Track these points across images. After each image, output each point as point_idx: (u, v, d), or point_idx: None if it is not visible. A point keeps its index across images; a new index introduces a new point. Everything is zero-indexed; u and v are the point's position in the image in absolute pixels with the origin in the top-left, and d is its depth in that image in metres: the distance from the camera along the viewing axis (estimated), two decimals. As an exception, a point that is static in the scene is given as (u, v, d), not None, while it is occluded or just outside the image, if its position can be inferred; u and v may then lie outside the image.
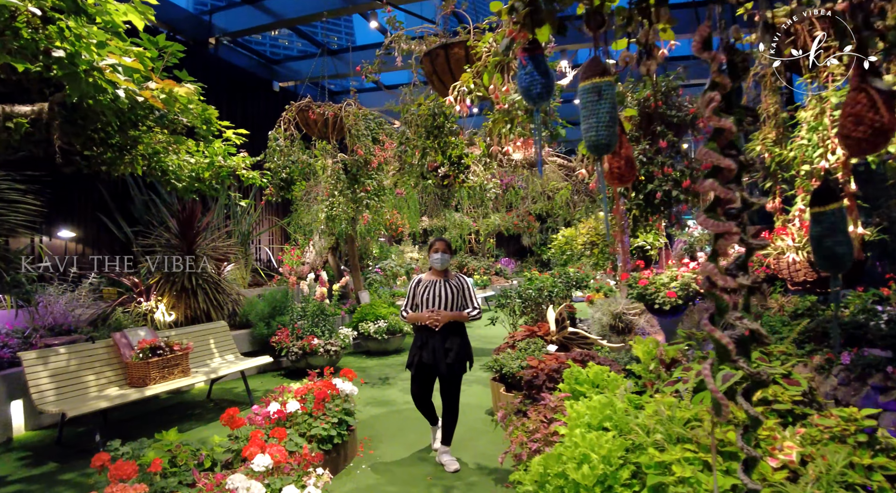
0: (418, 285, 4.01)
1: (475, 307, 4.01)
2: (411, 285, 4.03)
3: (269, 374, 7.18)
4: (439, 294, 3.91)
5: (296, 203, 8.42)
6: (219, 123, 5.10)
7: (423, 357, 3.87)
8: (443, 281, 3.97)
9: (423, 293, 3.95)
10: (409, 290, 4.04)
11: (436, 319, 3.83)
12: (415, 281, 4.03)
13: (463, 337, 4.01)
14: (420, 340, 3.94)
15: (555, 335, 5.41)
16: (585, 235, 9.13)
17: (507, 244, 19.28)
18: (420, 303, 3.96)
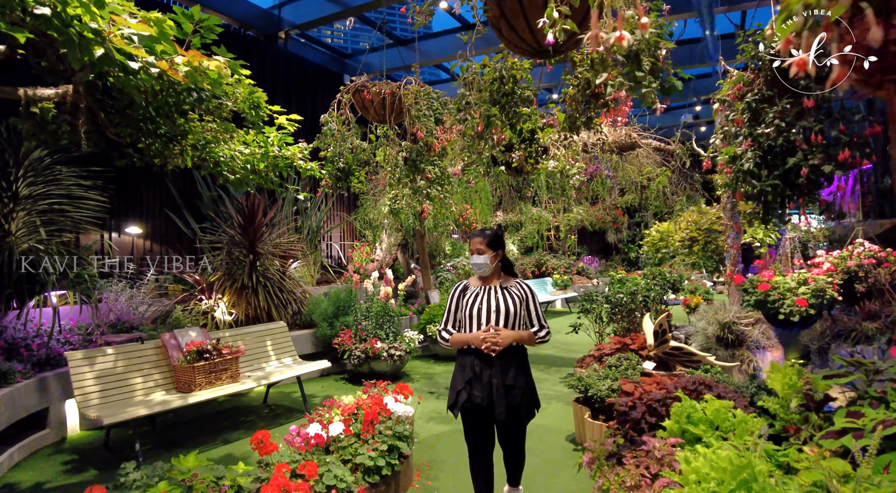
0: (463, 293, 2.91)
1: (543, 326, 2.88)
2: (453, 293, 2.95)
3: (331, 377, 6.75)
4: (493, 306, 2.78)
5: (362, 197, 7.97)
6: (268, 108, 4.64)
7: (473, 397, 2.69)
8: (498, 288, 2.86)
9: (470, 305, 2.83)
10: (449, 300, 2.95)
11: (495, 340, 2.67)
12: (458, 288, 2.95)
13: (527, 370, 2.88)
14: (467, 370, 2.75)
15: (653, 350, 4.51)
16: (684, 231, 8.01)
17: (589, 241, 18.08)
18: (464, 318, 2.84)
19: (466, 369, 2.76)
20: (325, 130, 4.83)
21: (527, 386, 2.79)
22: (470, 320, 2.82)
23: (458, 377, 2.81)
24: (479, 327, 2.78)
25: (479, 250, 2.86)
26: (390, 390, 4.20)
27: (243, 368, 5.27)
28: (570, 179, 4.77)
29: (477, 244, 2.87)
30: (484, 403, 2.66)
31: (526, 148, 3.39)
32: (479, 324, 2.78)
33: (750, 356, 5.40)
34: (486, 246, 2.85)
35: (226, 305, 6.41)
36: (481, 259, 2.84)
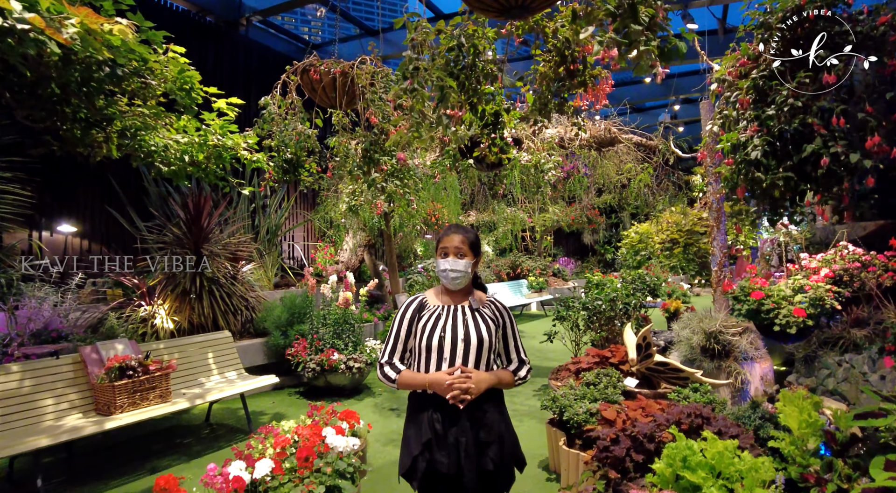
0: (418, 312, 2.10)
1: (524, 362, 2.21)
2: (403, 311, 2.13)
3: (285, 391, 6.17)
4: (461, 334, 2.02)
5: (322, 194, 7.40)
6: (203, 90, 4.07)
7: (435, 464, 1.94)
8: (467, 309, 2.10)
9: (429, 331, 2.02)
10: (397, 320, 2.12)
11: (466, 387, 1.92)
12: (411, 305, 2.12)
13: (506, 417, 2.13)
14: (425, 428, 1.97)
15: (636, 365, 4.06)
16: (665, 232, 7.63)
17: (565, 242, 17.74)
18: (419, 349, 2.05)
19: (424, 426, 1.96)
20: (265, 114, 4.25)
21: (506, 440, 2.04)
22: (428, 352, 2.01)
23: (411, 436, 2.01)
24: (440, 364, 1.99)
25: (460, 251, 2.06)
26: (338, 412, 3.67)
27: (178, 384, 4.67)
28: (545, 175, 4.30)
29: (457, 243, 2.06)
30: (451, 470, 1.92)
31: (489, 134, 2.88)
32: (440, 359, 1.99)
33: (737, 369, 4.99)
34: (469, 248, 2.09)
35: (166, 311, 5.79)
36: (461, 265, 2.05)
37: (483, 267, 12.41)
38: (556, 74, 2.82)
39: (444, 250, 2.08)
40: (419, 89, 2.11)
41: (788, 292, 4.17)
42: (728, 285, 4.58)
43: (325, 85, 3.91)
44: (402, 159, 3.84)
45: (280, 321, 6.14)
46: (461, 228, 2.16)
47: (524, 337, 9.28)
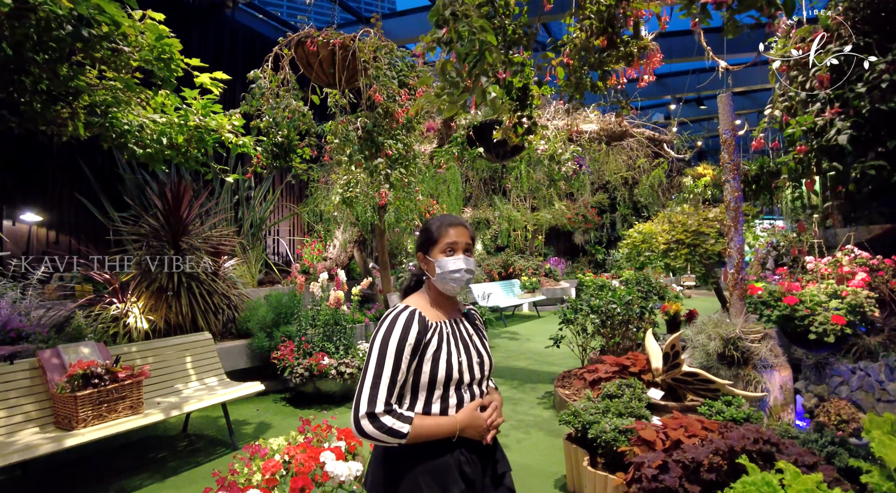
0: (424, 334, 1.57)
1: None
2: (400, 335, 1.54)
3: (270, 397, 5.71)
4: (475, 356, 1.67)
5: (312, 185, 6.94)
6: (183, 60, 3.61)
7: None
8: (462, 321, 1.75)
9: (445, 358, 1.58)
10: (391, 350, 1.53)
11: (500, 422, 1.66)
12: (410, 326, 1.56)
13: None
14: (454, 472, 1.54)
15: (661, 376, 3.70)
16: (670, 232, 7.30)
17: (556, 242, 17.44)
18: (430, 384, 1.57)
19: (452, 476, 1.52)
20: (254, 90, 3.78)
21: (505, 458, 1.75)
22: (446, 387, 1.57)
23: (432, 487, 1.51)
24: (461, 400, 1.59)
25: (469, 247, 1.70)
26: (334, 428, 3.26)
27: (152, 392, 4.21)
28: (561, 167, 3.92)
29: (467, 237, 1.69)
30: None
31: (514, 112, 2.48)
32: (461, 394, 1.59)
33: (757, 377, 4.68)
34: (473, 243, 1.74)
35: (141, 310, 5.30)
36: (473, 265, 1.69)
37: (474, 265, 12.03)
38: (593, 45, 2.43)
39: (450, 246, 1.65)
40: (459, 36, 1.68)
41: (823, 297, 3.86)
42: (753, 289, 4.25)
43: (323, 59, 3.47)
44: (433, 129, 3.40)
45: (265, 322, 5.68)
46: (459, 218, 1.76)
47: (517, 339, 8.93)
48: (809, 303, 3.75)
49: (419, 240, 1.72)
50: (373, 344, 1.53)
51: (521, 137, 2.57)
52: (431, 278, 1.67)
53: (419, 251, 1.72)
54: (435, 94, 1.76)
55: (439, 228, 1.67)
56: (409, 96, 3.64)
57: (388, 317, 1.57)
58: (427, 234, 1.70)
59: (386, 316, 1.57)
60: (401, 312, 1.58)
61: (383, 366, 1.49)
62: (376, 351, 1.51)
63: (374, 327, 1.66)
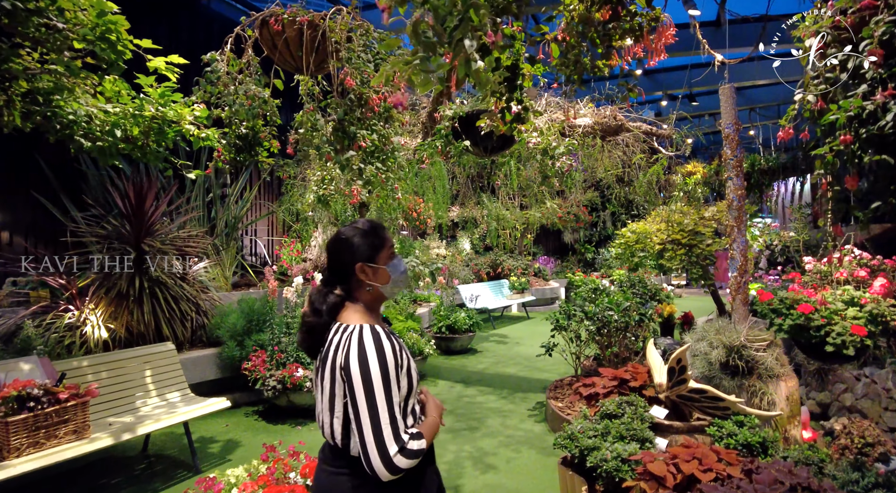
0: (402, 349, 1.55)
1: None
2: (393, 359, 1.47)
3: (241, 411, 5.32)
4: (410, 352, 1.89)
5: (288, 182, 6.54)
6: (131, 40, 3.20)
7: None
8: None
9: (411, 363, 1.57)
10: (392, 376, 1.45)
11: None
12: (395, 346, 1.51)
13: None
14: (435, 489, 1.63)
15: (665, 392, 3.37)
16: (665, 232, 7.00)
17: (545, 241, 17.14)
18: (415, 387, 1.57)
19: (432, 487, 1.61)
20: (208, 74, 3.37)
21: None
22: (416, 390, 1.59)
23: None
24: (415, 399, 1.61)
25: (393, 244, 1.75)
26: (300, 456, 2.89)
27: (103, 412, 3.80)
28: (555, 162, 3.58)
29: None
30: None
31: (504, 93, 2.12)
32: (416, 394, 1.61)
33: (762, 388, 4.37)
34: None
35: (100, 318, 4.89)
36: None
37: (462, 266, 11.67)
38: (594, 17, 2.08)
39: (393, 247, 1.68)
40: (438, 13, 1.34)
41: (839, 305, 3.56)
42: (765, 295, 3.94)
43: (290, 40, 3.08)
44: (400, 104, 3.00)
45: (236, 329, 5.28)
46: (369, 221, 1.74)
47: (507, 343, 8.60)
48: (825, 311, 3.44)
49: (363, 250, 1.59)
50: (367, 374, 1.41)
51: (508, 126, 2.22)
52: (379, 286, 1.60)
53: (360, 262, 1.58)
54: (404, 61, 1.39)
55: (380, 232, 1.63)
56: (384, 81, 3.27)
57: (367, 341, 1.46)
58: (373, 240, 1.61)
59: (360, 340, 1.46)
60: (376, 333, 1.49)
61: (391, 395, 1.42)
62: (379, 381, 1.41)
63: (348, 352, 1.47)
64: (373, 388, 1.40)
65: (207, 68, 3.33)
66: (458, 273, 10.73)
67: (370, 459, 1.37)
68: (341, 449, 1.49)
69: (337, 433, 1.49)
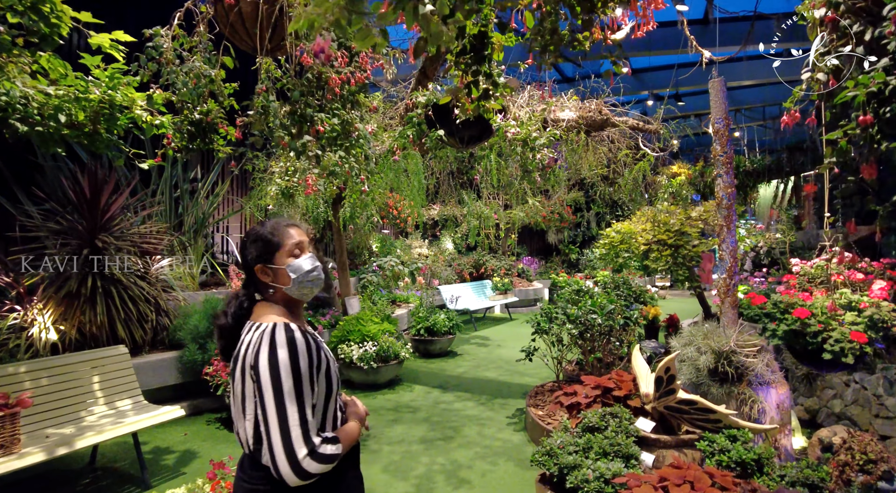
0: (318, 350, 1.45)
1: None
2: (307, 357, 1.38)
3: (203, 417, 5.00)
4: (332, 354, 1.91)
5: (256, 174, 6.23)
6: (67, 11, 2.89)
7: None
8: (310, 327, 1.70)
9: (334, 368, 1.52)
10: (305, 375, 1.37)
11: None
12: (310, 346, 1.42)
13: None
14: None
15: (652, 403, 3.14)
16: (650, 232, 6.80)
17: (529, 241, 16.93)
18: (335, 390, 1.51)
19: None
20: (149, 50, 3.03)
21: None
22: (337, 393, 1.55)
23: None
24: (339, 400, 1.58)
25: (311, 246, 1.62)
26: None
27: (41, 423, 3.48)
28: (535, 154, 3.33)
29: (307, 236, 1.62)
30: None
31: (469, 66, 1.85)
32: (337, 396, 1.56)
33: (752, 395, 4.17)
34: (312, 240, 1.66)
35: (49, 319, 4.54)
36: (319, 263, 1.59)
37: (444, 266, 11.41)
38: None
39: (297, 246, 1.54)
40: None
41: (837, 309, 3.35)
42: (759, 298, 3.73)
43: (245, 15, 2.79)
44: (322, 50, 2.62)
45: (198, 332, 4.97)
46: (292, 219, 1.66)
47: (488, 345, 8.35)
48: (822, 316, 3.23)
49: (253, 252, 1.52)
50: (276, 372, 1.33)
51: (476, 104, 1.96)
52: (282, 287, 1.51)
53: (258, 263, 1.51)
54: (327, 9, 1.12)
55: (277, 232, 1.53)
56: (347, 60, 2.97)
57: (279, 338, 1.37)
58: (264, 241, 1.51)
59: (271, 338, 1.37)
60: (290, 331, 1.40)
61: (302, 394, 1.35)
62: (288, 379, 1.33)
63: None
64: (281, 387, 1.32)
65: (149, 44, 3.01)
66: (440, 273, 10.47)
67: (276, 462, 1.29)
68: (258, 459, 1.39)
69: (249, 438, 1.39)
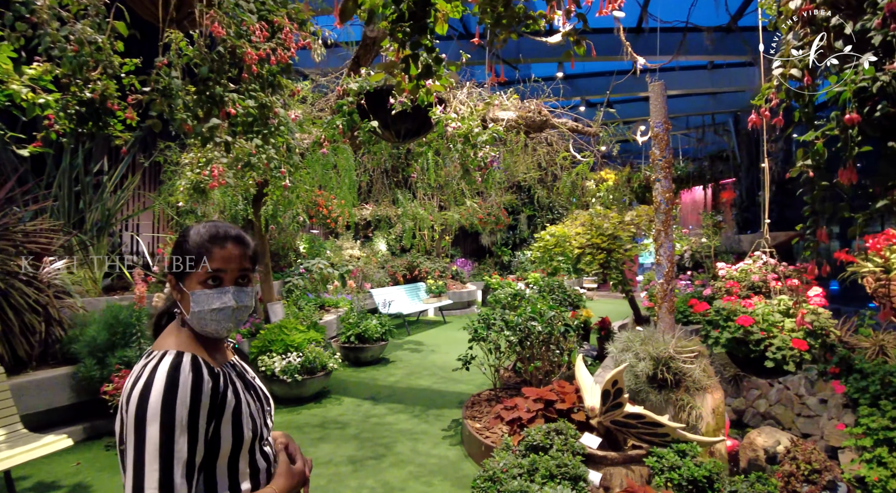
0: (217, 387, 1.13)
1: None
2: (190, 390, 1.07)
3: (103, 442, 4.42)
4: (263, 397, 1.34)
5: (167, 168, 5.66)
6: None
7: None
8: (237, 358, 1.38)
9: (245, 413, 1.18)
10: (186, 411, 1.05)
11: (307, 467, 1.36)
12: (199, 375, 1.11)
13: None
14: None
15: (598, 417, 2.97)
16: (584, 236, 6.78)
17: (463, 243, 16.84)
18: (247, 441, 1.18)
19: None
20: (17, 6, 2.52)
21: None
22: (252, 449, 1.21)
23: None
24: (269, 455, 1.28)
25: (244, 272, 1.26)
26: None
27: None
28: (477, 151, 3.10)
29: (239, 261, 1.24)
30: None
31: (408, 37, 1.59)
32: (263, 450, 1.26)
33: (690, 401, 4.14)
34: (252, 265, 1.29)
35: None
36: (248, 297, 1.27)
37: (377, 268, 11.03)
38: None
39: (216, 273, 1.21)
40: None
41: (777, 316, 3.34)
42: (701, 305, 3.67)
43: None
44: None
45: (96, 343, 4.38)
46: (234, 229, 1.28)
47: (421, 351, 8.08)
48: (764, 323, 3.19)
49: (172, 259, 1.24)
50: (141, 417, 1.02)
51: (415, 83, 1.69)
52: (184, 314, 1.21)
53: (170, 274, 1.24)
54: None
55: (200, 247, 1.20)
56: (268, 34, 2.60)
57: (160, 369, 1.08)
58: (181, 252, 1.22)
59: (151, 372, 1.07)
60: (177, 361, 1.10)
61: (172, 451, 1.02)
62: (156, 422, 1.02)
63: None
64: (144, 437, 1.01)
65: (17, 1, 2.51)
66: (372, 276, 10.09)
67: None
68: None
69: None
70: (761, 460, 4.08)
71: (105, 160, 7.11)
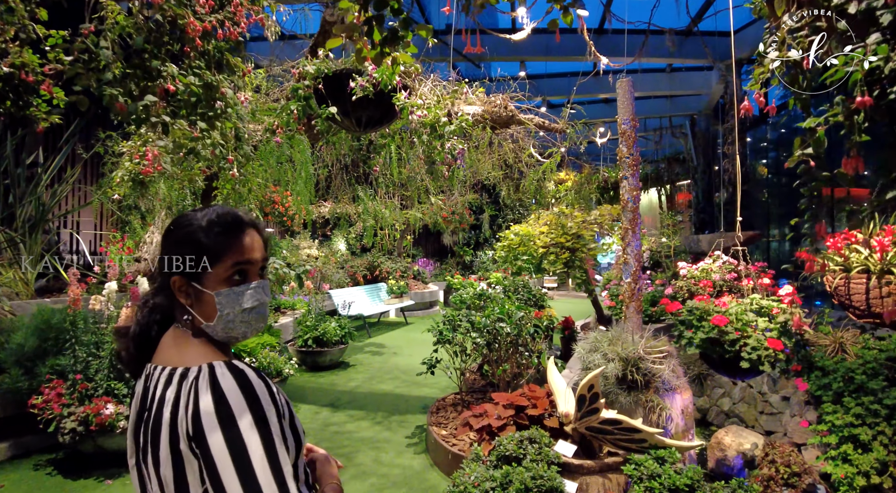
0: (279, 395, 0.98)
1: None
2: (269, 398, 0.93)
3: (32, 460, 4.01)
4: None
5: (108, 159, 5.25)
6: None
7: None
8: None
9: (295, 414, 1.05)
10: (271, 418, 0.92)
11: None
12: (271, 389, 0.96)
13: None
14: None
15: (573, 423, 2.83)
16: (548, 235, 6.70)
17: (425, 243, 16.65)
18: (303, 445, 1.05)
19: None
20: None
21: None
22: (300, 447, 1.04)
23: None
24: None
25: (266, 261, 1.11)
26: None
27: None
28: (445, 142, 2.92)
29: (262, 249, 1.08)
30: None
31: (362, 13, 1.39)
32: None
33: (659, 402, 4.07)
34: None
35: None
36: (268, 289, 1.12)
37: (336, 268, 10.71)
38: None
39: (245, 266, 1.04)
40: None
41: (750, 315, 3.28)
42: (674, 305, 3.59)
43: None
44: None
45: (23, 351, 3.98)
46: (242, 212, 1.10)
47: (383, 354, 7.85)
48: (738, 323, 3.13)
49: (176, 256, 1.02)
50: (238, 437, 0.87)
51: (379, 50, 1.50)
52: (203, 322, 1.03)
53: (177, 275, 1.02)
54: None
55: (219, 234, 1.03)
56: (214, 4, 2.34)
57: (223, 381, 0.91)
58: (193, 245, 1.02)
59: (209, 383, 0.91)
60: (236, 369, 0.94)
61: (279, 462, 0.89)
62: (258, 444, 0.88)
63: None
64: (244, 448, 0.87)
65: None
66: (331, 277, 9.77)
67: None
68: None
69: None
70: (729, 459, 4.04)
71: (41, 151, 6.59)
